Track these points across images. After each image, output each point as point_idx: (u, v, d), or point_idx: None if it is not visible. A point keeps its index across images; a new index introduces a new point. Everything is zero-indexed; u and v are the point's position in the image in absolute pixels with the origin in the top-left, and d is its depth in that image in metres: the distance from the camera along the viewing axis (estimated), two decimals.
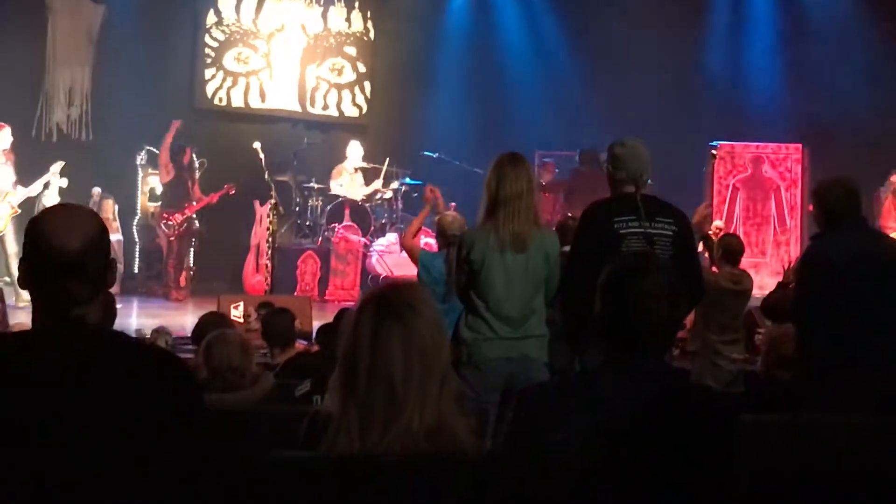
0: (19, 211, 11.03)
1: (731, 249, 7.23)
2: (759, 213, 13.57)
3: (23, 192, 11.16)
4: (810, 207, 5.04)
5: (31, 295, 2.24)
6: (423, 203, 7.25)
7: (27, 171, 11.45)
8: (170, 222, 12.21)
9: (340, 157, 13.41)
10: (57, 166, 11.55)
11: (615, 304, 2.56)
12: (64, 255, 2.18)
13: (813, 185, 5.08)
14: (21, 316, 8.85)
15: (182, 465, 2.13)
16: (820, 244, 4.79)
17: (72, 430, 2.05)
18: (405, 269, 10.73)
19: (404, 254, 7.80)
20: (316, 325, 6.85)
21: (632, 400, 2.46)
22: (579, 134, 13.63)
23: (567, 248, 4.92)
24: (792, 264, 6.90)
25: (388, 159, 13.29)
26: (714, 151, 13.47)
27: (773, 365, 4.86)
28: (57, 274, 2.19)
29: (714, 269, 7.26)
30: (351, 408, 2.37)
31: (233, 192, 12.44)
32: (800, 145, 13.69)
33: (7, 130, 11.15)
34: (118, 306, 5.95)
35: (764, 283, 12.68)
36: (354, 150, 13.26)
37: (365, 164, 13.36)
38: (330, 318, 6.66)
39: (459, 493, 2.32)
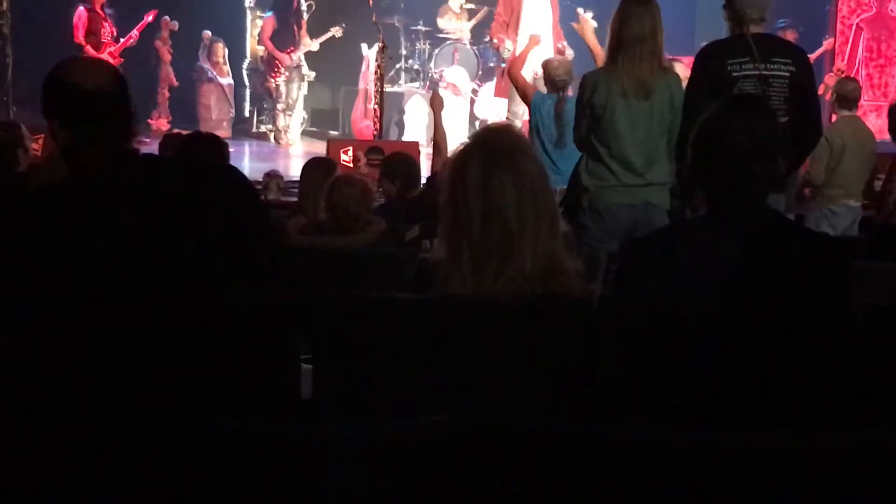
0: None
1: (844, 96, 6.98)
2: (882, 54, 13.00)
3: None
4: None
5: None
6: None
7: (133, 18, 11.53)
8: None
9: None
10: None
11: (706, 154, 2.53)
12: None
13: None
14: None
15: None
16: None
17: (130, 250, 2.11)
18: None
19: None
20: (423, 170, 6.87)
21: (734, 246, 2.43)
22: None
23: None
24: None
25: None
26: None
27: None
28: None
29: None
30: (464, 251, 2.38)
31: (339, 34, 12.37)
32: None
33: None
34: (231, 150, 6.03)
35: (886, 126, 12.26)
36: None
37: (472, 6, 13.11)
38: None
39: (571, 335, 2.33)
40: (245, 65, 13.58)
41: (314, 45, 12.34)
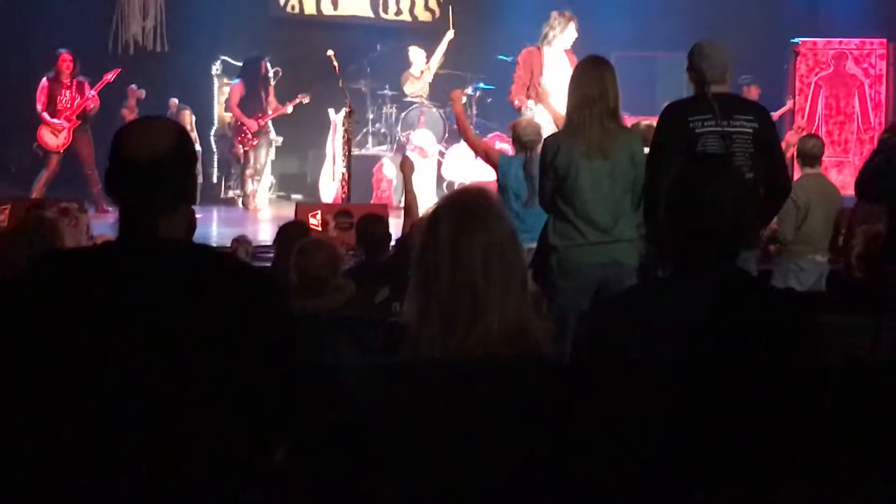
0: None
1: (806, 153, 7.07)
2: (842, 111, 13.21)
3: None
4: None
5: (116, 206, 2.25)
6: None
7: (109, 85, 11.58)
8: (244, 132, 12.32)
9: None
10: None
11: (678, 213, 2.55)
12: (134, 164, 2.18)
13: None
14: None
15: (267, 376, 2.12)
16: None
17: (142, 344, 2.03)
18: (480, 175, 10.69)
19: (479, 160, 7.83)
20: (393, 232, 6.88)
21: (702, 305, 2.44)
22: (658, 35, 13.34)
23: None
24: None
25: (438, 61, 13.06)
26: (795, 48, 13.11)
27: (862, 265, 4.78)
28: (129, 183, 2.19)
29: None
30: (432, 312, 2.37)
31: (307, 101, 12.44)
32: (885, 40, 13.24)
33: None
34: (198, 216, 6.00)
35: (846, 181, 12.43)
36: (417, 55, 13.08)
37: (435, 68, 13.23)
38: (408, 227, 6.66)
39: (540, 397, 2.33)
40: (213, 131, 13.61)
41: (288, 109, 12.39)
